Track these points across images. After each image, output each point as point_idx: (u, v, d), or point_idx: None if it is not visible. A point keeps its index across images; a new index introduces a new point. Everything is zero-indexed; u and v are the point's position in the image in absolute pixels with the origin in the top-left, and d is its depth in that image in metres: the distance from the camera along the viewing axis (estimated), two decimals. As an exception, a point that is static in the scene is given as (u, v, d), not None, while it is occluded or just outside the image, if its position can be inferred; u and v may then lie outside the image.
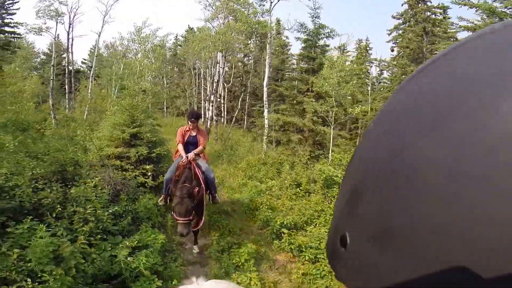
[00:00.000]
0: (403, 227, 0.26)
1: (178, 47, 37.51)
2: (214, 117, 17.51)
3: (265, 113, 12.78)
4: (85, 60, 43.66)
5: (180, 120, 25.40)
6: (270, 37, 13.69)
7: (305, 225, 5.44)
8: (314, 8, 14.31)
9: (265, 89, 12.82)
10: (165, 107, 32.93)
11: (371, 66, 34.30)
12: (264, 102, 12.90)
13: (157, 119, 11.10)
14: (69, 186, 4.33)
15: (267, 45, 13.64)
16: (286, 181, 8.04)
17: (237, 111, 19.60)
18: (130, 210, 4.73)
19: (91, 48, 42.19)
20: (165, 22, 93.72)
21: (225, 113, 24.61)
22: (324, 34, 14.48)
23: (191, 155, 4.95)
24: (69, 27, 21.19)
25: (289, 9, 41.27)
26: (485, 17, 9.66)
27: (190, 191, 4.39)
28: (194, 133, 5.35)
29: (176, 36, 40.34)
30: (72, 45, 21.61)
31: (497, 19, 9.37)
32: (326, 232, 4.70)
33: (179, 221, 4.26)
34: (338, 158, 8.29)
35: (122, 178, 5.40)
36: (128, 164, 5.89)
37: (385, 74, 27.43)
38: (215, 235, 5.29)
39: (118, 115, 6.77)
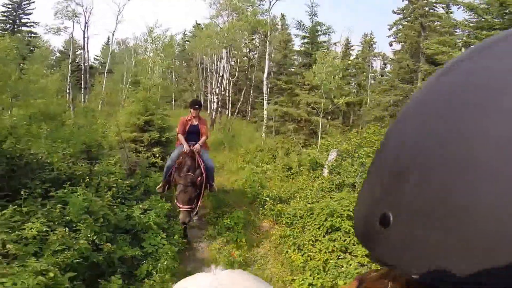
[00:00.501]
0: (461, 206, 0.25)
1: (186, 42, 38.56)
2: (219, 109, 18.56)
3: (265, 105, 13.76)
4: (97, 56, 45.03)
5: (187, 111, 26.33)
6: (270, 35, 14.55)
7: (289, 200, 6.44)
8: (312, 6, 15.09)
9: (265, 83, 13.79)
10: (173, 100, 34.02)
11: (375, 60, 34.86)
12: (264, 95, 13.86)
13: (166, 109, 12.17)
14: (93, 164, 5.42)
15: (267, 42, 14.53)
16: (278, 165, 9.03)
17: (239, 103, 20.48)
18: (143, 182, 5.79)
19: (103, 45, 43.60)
20: (174, 18, 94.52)
21: (230, 105, 25.50)
22: (321, 31, 15.26)
23: (197, 147, 5.07)
24: (85, 26, 22.44)
25: (288, 7, 41.57)
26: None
27: (194, 180, 4.56)
28: (195, 122, 5.48)
29: (185, 32, 41.40)
30: (87, 43, 22.87)
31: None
32: (305, 203, 5.63)
33: (182, 209, 4.43)
34: (325, 145, 9.21)
35: (136, 158, 6.49)
36: (141, 147, 7.00)
37: (389, 67, 28.06)
38: (213, 206, 6.33)
39: (134, 105, 7.91)
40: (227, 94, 23.12)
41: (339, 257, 3.99)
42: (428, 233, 0.27)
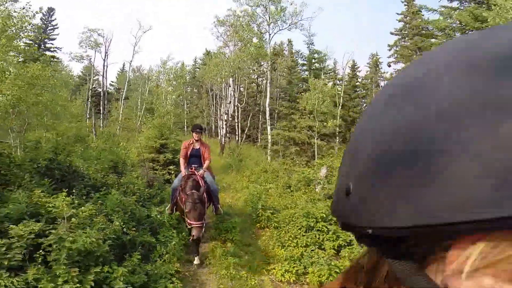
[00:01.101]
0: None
1: (197, 69, 40.73)
2: (227, 134, 19.93)
3: (268, 130, 15.00)
4: (112, 82, 47.71)
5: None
6: (270, 64, 16.06)
7: (282, 210, 7.47)
8: (309, 35, 16.61)
9: (267, 108, 15.13)
10: (185, 126, 35.68)
11: (383, 80, 36.03)
12: (267, 120, 15.14)
13: (179, 135, 13.58)
14: (120, 176, 6.65)
15: (268, 70, 16.04)
16: (279, 184, 10.09)
17: (246, 128, 21.79)
18: (159, 194, 6.95)
19: (118, 71, 46.32)
20: (186, 45, 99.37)
21: (240, 131, 26.75)
22: (318, 58, 16.66)
23: (201, 172, 5.25)
24: (105, 55, 24.61)
25: (289, 36, 43.58)
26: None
27: (201, 197, 4.70)
28: (197, 146, 5.67)
29: (195, 59, 43.81)
30: (106, 71, 24.95)
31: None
32: (294, 212, 6.65)
33: (194, 225, 4.48)
34: (320, 164, 10.27)
35: (154, 175, 7.71)
36: (158, 165, 8.24)
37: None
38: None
39: (151, 130, 9.28)
40: (236, 120, 24.56)
41: (312, 250, 4.98)
42: (375, 193, 0.30)
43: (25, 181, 4.77)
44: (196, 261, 5.04)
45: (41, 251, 3.38)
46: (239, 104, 23.21)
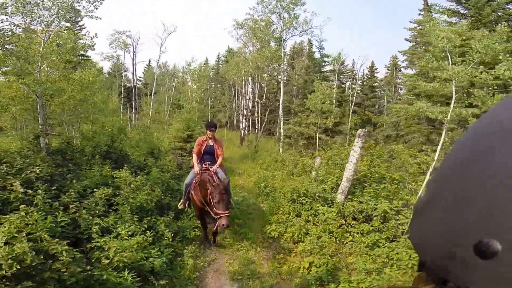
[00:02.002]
0: None
1: (220, 65, 42.68)
2: (246, 128, 21.80)
3: (281, 125, 16.72)
4: (140, 77, 50.62)
5: (221, 131, 30.19)
6: (283, 67, 17.71)
7: (281, 189, 9.21)
8: (320, 41, 18.08)
9: (280, 106, 16.81)
10: (209, 119, 37.80)
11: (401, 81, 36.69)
12: (280, 116, 16.85)
13: (203, 128, 15.67)
14: (156, 160, 8.63)
15: (282, 73, 17.75)
16: (285, 171, 11.81)
17: (263, 123, 23.47)
18: (186, 174, 8.84)
19: (145, 67, 49.04)
20: (209, 42, 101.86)
21: (259, 125, 28.50)
22: (327, 62, 18.12)
23: (214, 168, 5.35)
24: (133, 55, 26.99)
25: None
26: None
27: (226, 187, 4.87)
28: (211, 143, 5.70)
29: (218, 55, 45.71)
30: (135, 69, 27.37)
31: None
32: (286, 189, 8.27)
33: (223, 215, 4.59)
34: (317, 155, 11.88)
35: (182, 160, 9.67)
36: (185, 153, 10.19)
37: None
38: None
39: (179, 123, 11.30)
40: (256, 115, 26.31)
41: (294, 217, 6.68)
42: None
43: (95, 161, 6.80)
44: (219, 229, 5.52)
45: (113, 206, 5.33)
46: (259, 100, 24.91)
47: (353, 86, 27.61)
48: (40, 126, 6.68)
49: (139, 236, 4.50)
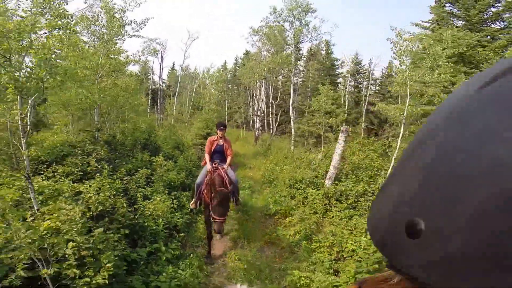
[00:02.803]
0: None
1: (238, 67, 44.51)
2: (259, 128, 23.54)
3: (292, 124, 18.31)
4: (164, 80, 53.31)
5: (237, 131, 32.04)
6: (293, 70, 19.31)
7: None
8: (329, 46, 19.51)
9: (290, 107, 18.42)
10: (226, 119, 39.65)
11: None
12: (291, 116, 18.46)
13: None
14: (181, 152, 10.46)
15: (291, 76, 19.38)
16: (292, 165, 13.41)
17: (276, 123, 25.02)
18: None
19: (169, 70, 51.63)
20: (228, 46, 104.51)
21: (274, 124, 30.06)
22: (337, 65, 19.50)
23: (224, 167, 5.58)
24: (161, 60, 29.22)
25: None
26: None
27: (227, 195, 5.02)
28: (221, 142, 5.98)
29: (236, 57, 47.61)
30: (162, 73, 29.62)
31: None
32: (289, 171, 9.89)
33: (217, 220, 4.82)
34: (319, 150, 13.44)
35: (202, 152, 11.46)
36: (204, 148, 12.02)
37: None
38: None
39: (199, 123, 13.16)
40: (270, 116, 27.93)
41: (288, 199, 8.27)
42: (473, 250, 0.25)
43: (136, 150, 8.69)
44: (218, 237, 5.99)
45: (150, 182, 7.17)
46: (273, 101, 26.53)
47: (370, 86, 28.85)
48: (96, 123, 8.67)
49: (168, 202, 6.27)
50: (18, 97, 3.61)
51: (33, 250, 2.77)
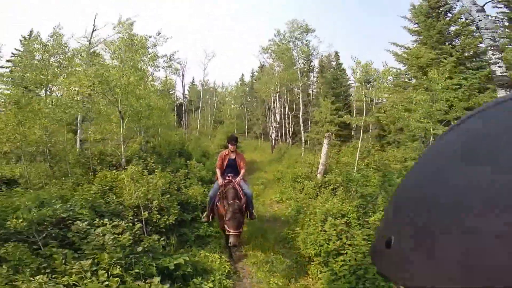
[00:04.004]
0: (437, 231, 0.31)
1: (254, 80, 47.45)
2: (275, 138, 26.18)
3: (302, 133, 20.81)
4: (185, 95, 57.18)
5: (256, 141, 34.74)
6: (300, 85, 21.92)
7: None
8: (329, 62, 21.98)
9: (300, 118, 20.96)
10: (246, 131, 42.41)
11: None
12: (301, 126, 20.98)
13: (240, 138, 20.43)
14: (207, 158, 13.22)
15: (299, 91, 22.00)
16: (296, 166, 15.90)
17: (291, 133, 27.51)
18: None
19: (189, 85, 55.38)
20: (245, 59, 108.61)
21: (290, 134, 32.49)
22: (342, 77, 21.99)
23: (238, 180, 5.59)
24: (182, 77, 32.61)
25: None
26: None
27: (241, 206, 5.03)
28: (233, 156, 5.96)
29: (253, 71, 50.62)
30: (184, 90, 32.95)
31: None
32: (293, 170, 12.40)
33: (232, 234, 4.81)
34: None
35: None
36: (225, 154, 14.76)
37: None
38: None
39: (220, 134, 15.94)
40: (286, 126, 30.47)
41: (291, 189, 10.75)
42: (416, 257, 0.33)
43: (173, 157, 11.51)
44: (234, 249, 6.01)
45: (187, 178, 9.92)
46: (289, 112, 29.09)
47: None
48: (142, 136, 11.63)
49: (201, 190, 8.93)
50: (120, 120, 6.45)
51: (144, 202, 5.51)
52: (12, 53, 30.48)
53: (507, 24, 17.54)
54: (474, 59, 13.77)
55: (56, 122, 9.90)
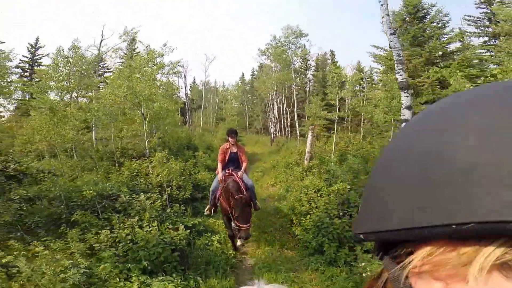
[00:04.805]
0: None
1: (254, 79, 49.31)
2: (274, 132, 28.11)
3: (297, 128, 22.71)
4: (188, 94, 59.14)
5: (257, 136, 36.67)
6: (293, 85, 23.76)
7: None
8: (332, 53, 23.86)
9: (295, 113, 22.84)
10: (247, 127, 44.29)
11: None
12: (296, 121, 22.87)
13: (242, 133, 22.20)
14: (211, 151, 15.20)
15: (293, 87, 23.84)
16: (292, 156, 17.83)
17: (289, 127, 29.40)
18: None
19: (190, 85, 57.30)
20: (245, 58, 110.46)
21: (289, 128, 34.37)
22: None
23: (240, 174, 5.68)
24: (184, 78, 34.55)
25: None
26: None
27: (248, 200, 5.12)
28: (234, 150, 6.02)
29: (253, 70, 52.43)
30: (187, 90, 34.84)
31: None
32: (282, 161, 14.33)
33: (244, 228, 4.93)
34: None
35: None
36: (226, 147, 16.74)
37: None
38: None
39: (223, 130, 17.89)
40: (284, 121, 32.36)
41: (283, 174, 12.69)
42: (366, 206, 0.40)
43: (182, 150, 13.49)
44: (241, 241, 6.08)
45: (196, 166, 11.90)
46: (287, 108, 30.93)
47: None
48: (155, 133, 13.62)
49: (208, 175, 10.86)
50: (144, 120, 8.41)
51: (166, 181, 7.49)
52: (21, 60, 32.54)
53: (487, 23, 19.38)
54: (441, 60, 15.58)
55: (82, 123, 11.90)
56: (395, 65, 5.63)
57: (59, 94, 15.08)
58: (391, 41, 5.74)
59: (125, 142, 13.16)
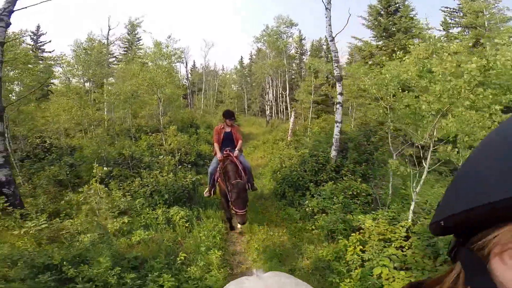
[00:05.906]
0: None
1: (253, 63, 51.15)
2: (269, 114, 30.64)
3: (289, 108, 25.22)
4: (188, 79, 61.17)
5: (254, 118, 39.07)
6: (286, 70, 26.04)
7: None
8: (313, 51, 26.07)
9: (287, 97, 25.27)
10: (246, 109, 46.48)
11: None
12: (288, 104, 25.35)
13: (240, 115, 24.75)
14: (211, 130, 17.84)
15: (286, 74, 26.15)
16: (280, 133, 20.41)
17: (283, 110, 31.81)
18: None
19: (191, 68, 59.34)
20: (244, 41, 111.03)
21: (286, 111, 36.59)
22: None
23: (236, 153, 5.66)
24: (186, 64, 36.83)
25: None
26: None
27: (244, 186, 5.10)
28: (228, 129, 6.06)
29: (251, 53, 54.20)
30: (188, 75, 37.20)
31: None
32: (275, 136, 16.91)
33: (240, 213, 4.90)
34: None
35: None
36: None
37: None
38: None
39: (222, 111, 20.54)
40: (280, 104, 34.71)
41: (273, 149, 15.29)
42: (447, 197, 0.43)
43: (186, 128, 16.12)
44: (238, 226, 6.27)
45: (198, 141, 14.53)
46: (283, 92, 33.20)
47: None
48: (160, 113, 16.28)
49: (208, 148, 13.47)
50: (159, 102, 11.01)
51: (177, 148, 10.17)
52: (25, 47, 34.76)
53: (461, 14, 21.55)
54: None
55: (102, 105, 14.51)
56: (333, 63, 8.16)
57: (81, 81, 17.61)
58: (330, 46, 8.24)
59: (140, 120, 15.80)
